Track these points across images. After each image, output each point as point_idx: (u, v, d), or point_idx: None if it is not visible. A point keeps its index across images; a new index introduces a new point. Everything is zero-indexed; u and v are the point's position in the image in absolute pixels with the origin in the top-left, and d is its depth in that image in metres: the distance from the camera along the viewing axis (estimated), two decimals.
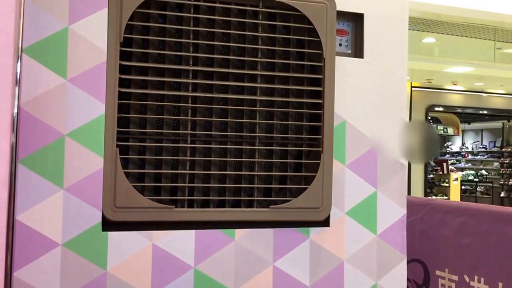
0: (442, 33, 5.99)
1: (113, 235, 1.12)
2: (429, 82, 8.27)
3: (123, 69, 1.15)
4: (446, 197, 9.16)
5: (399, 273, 1.37)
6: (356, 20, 1.39)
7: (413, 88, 8.25)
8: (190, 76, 1.21)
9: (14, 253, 1.04)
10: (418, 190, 8.20)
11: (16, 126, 1.07)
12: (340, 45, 1.39)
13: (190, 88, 1.21)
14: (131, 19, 1.15)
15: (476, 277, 1.76)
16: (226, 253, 1.21)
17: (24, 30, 1.08)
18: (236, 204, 1.24)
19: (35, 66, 1.08)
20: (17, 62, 1.07)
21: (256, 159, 1.25)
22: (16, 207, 1.06)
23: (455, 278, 1.86)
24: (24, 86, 1.08)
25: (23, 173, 1.07)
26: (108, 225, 1.12)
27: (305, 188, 1.26)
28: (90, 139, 1.11)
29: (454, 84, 8.59)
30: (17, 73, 1.06)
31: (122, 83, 1.15)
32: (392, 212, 1.38)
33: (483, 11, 5.19)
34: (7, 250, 1.02)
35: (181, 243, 1.17)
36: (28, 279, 1.05)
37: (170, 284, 1.16)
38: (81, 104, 1.11)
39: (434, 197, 8.73)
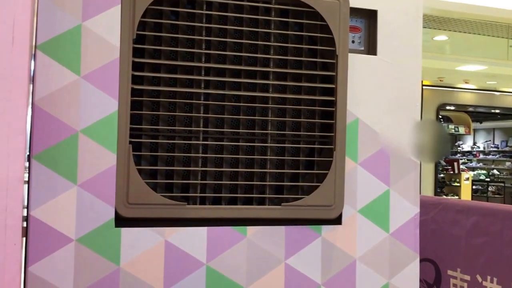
0: (454, 31, 5.92)
1: (126, 231, 1.13)
2: (440, 81, 8.18)
3: (135, 66, 1.15)
4: (457, 197, 9.06)
5: (412, 272, 1.35)
6: (369, 16, 1.38)
7: (424, 87, 8.17)
8: (203, 73, 1.21)
9: (29, 248, 1.05)
10: (428, 190, 8.12)
11: (30, 122, 1.08)
12: (353, 42, 1.37)
13: (202, 85, 1.21)
14: (143, 15, 1.15)
15: (488, 277, 1.74)
16: (238, 250, 1.21)
17: (38, 27, 1.09)
18: (248, 202, 1.23)
19: (49, 63, 1.09)
20: (31, 59, 1.07)
21: (268, 157, 1.25)
22: (30, 202, 1.07)
23: (467, 278, 1.84)
24: (38, 83, 1.08)
25: (37, 169, 1.08)
26: (121, 221, 1.13)
27: (317, 186, 1.26)
28: (103, 135, 1.12)
29: (466, 82, 8.49)
30: (31, 70, 1.07)
31: (135, 80, 1.15)
32: (405, 210, 1.36)
33: (495, 8, 5.11)
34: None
35: (193, 240, 1.17)
36: (42, 273, 1.06)
37: (182, 281, 1.16)
38: (95, 101, 1.12)
39: (444, 196, 8.65)
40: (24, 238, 1.05)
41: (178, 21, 1.19)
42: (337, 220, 1.29)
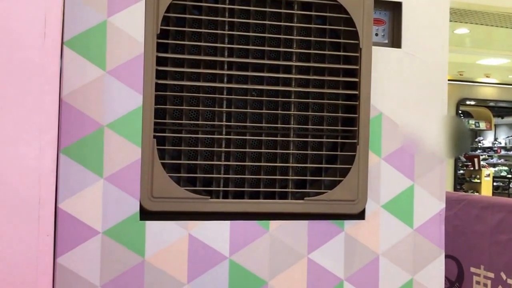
0: (476, 24, 5.78)
1: (150, 225, 1.14)
2: (460, 75, 8.02)
3: (159, 61, 1.16)
4: (477, 194, 8.89)
5: (437, 268, 1.34)
6: (393, 9, 1.36)
7: None
8: (225, 67, 1.21)
9: (57, 240, 1.08)
10: (447, 186, 8.00)
11: (58, 117, 1.10)
12: (376, 34, 1.35)
13: (225, 80, 1.21)
14: (167, 11, 1.16)
15: None
16: (261, 244, 1.21)
17: (65, 24, 1.11)
18: (270, 196, 1.23)
19: (75, 58, 1.11)
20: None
21: (291, 151, 1.25)
22: (59, 195, 1.09)
23: (491, 275, 1.81)
24: (65, 78, 1.10)
25: (65, 163, 1.10)
26: (146, 214, 1.14)
27: (340, 181, 1.25)
28: (128, 130, 1.13)
29: (486, 76, 8.30)
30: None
31: (159, 74, 1.16)
32: (430, 205, 1.34)
33: None
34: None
35: (216, 234, 1.18)
36: (70, 265, 1.09)
37: (206, 274, 1.17)
38: (120, 96, 1.13)
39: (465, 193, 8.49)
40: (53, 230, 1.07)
41: (201, 16, 1.19)
42: (360, 215, 1.28)
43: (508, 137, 13.11)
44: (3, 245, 0.94)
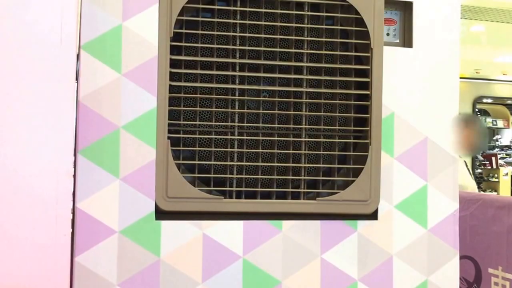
0: (492, 21, 5.68)
1: (165, 224, 1.17)
2: (476, 73, 7.88)
3: (173, 63, 1.18)
4: (495, 193, 8.73)
5: (452, 269, 1.33)
6: (404, 8, 1.35)
7: (459, 79, 7.88)
8: (237, 69, 1.22)
9: (76, 239, 1.11)
10: None
11: (75, 119, 1.13)
12: (387, 34, 1.35)
13: (237, 81, 1.22)
14: (180, 14, 1.18)
15: None
16: (274, 244, 1.22)
17: (81, 28, 1.14)
18: (283, 196, 1.24)
19: (92, 62, 1.14)
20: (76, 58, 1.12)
21: (303, 151, 1.25)
22: (76, 195, 1.12)
23: (510, 276, 1.78)
24: (82, 81, 1.13)
25: (82, 163, 1.13)
26: (161, 214, 1.16)
27: (353, 181, 1.25)
28: (143, 131, 1.16)
29: (504, 74, 8.14)
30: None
31: (172, 76, 1.18)
32: (444, 206, 1.33)
33: None
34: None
35: (230, 233, 1.20)
36: (88, 264, 1.11)
37: (220, 273, 1.19)
38: (135, 98, 1.16)
39: (482, 192, 8.34)
40: (71, 230, 1.10)
41: (213, 19, 1.21)
42: (373, 215, 1.28)
43: None
44: (23, 245, 0.98)
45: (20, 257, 0.96)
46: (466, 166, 2.90)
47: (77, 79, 1.14)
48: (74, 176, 1.12)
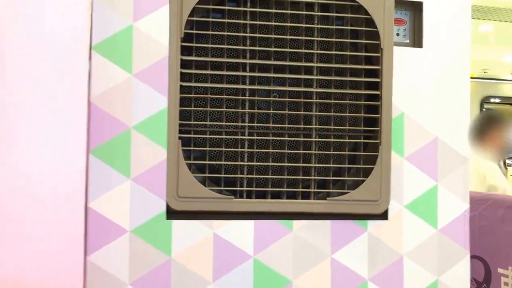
0: (500, 21, 5.65)
1: (177, 224, 1.17)
2: (484, 72, 7.84)
3: (183, 64, 1.19)
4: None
5: (462, 269, 1.32)
6: (414, 8, 1.35)
7: None
8: (247, 69, 1.23)
9: (88, 238, 1.11)
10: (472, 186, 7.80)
11: (87, 119, 1.13)
12: (397, 34, 1.35)
13: (247, 81, 1.23)
14: (191, 14, 1.18)
15: None
16: (284, 244, 1.22)
17: (93, 29, 1.14)
18: (293, 196, 1.25)
19: (103, 62, 1.15)
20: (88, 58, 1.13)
21: (313, 151, 1.26)
22: (88, 194, 1.12)
23: None
24: (93, 81, 1.14)
25: (94, 163, 1.13)
26: (172, 213, 1.17)
27: (363, 181, 1.25)
28: (154, 131, 1.16)
29: None
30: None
31: (183, 77, 1.19)
32: (454, 206, 1.33)
33: None
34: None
35: (240, 233, 1.20)
36: (100, 263, 1.12)
37: (231, 272, 1.19)
38: (146, 98, 1.16)
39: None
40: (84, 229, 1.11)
41: (223, 19, 1.21)
42: (383, 215, 1.28)
43: None
44: (36, 244, 0.98)
45: (34, 256, 0.96)
46: (499, 165, 2.76)
47: (89, 79, 1.14)
48: (86, 175, 1.13)
